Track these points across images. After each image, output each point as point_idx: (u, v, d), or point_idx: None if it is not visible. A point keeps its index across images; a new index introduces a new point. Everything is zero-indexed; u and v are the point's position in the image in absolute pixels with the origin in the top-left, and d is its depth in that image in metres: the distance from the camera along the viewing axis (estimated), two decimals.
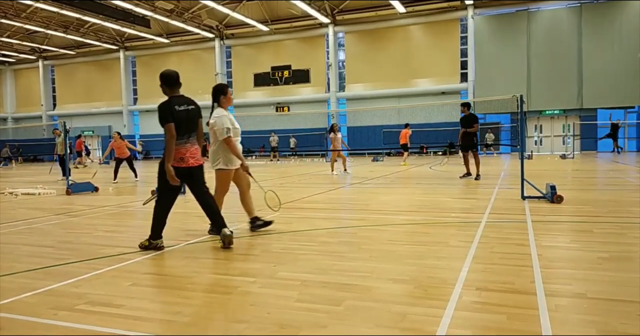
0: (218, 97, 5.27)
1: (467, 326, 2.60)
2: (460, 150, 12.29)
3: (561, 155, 22.44)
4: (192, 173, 4.67)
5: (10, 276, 3.84)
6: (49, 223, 6.66)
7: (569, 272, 3.58)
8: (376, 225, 5.81)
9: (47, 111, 41.82)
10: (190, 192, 4.86)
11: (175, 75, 4.70)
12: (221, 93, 5.26)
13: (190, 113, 4.66)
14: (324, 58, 33.51)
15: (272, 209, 5.75)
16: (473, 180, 11.37)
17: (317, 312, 2.85)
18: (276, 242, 4.94)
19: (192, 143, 4.70)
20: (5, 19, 30.15)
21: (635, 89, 26.21)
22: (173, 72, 4.73)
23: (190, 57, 36.89)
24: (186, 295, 3.27)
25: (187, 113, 4.63)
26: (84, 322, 2.78)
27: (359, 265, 3.90)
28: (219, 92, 5.26)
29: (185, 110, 4.63)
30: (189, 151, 4.64)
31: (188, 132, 4.65)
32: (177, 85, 4.72)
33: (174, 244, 4.95)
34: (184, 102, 4.67)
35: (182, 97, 4.70)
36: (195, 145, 4.73)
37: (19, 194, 10.62)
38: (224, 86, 5.37)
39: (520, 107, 7.80)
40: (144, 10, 29.62)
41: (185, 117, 4.59)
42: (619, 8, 26.59)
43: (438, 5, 29.68)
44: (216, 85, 5.36)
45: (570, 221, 5.75)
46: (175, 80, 4.69)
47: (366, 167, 19.27)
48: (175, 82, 4.69)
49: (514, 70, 28.27)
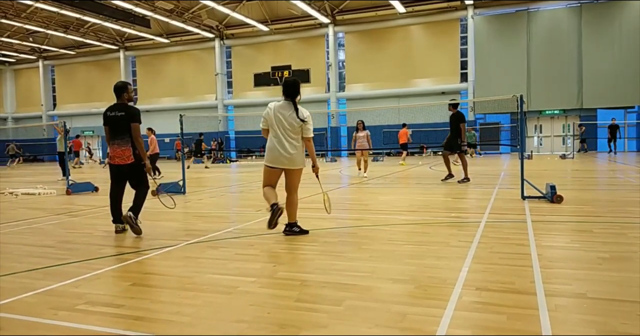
0: (296, 93, 5.03)
1: (467, 326, 2.60)
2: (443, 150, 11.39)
3: (561, 155, 22.44)
4: (120, 170, 5.51)
5: (10, 276, 3.84)
6: (49, 223, 6.66)
7: (569, 272, 3.58)
8: (376, 225, 5.81)
9: (47, 111, 41.82)
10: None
11: (116, 86, 5.60)
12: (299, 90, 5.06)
13: (118, 119, 5.48)
14: (324, 58, 33.52)
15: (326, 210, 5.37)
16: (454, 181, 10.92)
17: (317, 312, 2.85)
18: (276, 242, 4.95)
19: (119, 144, 5.45)
20: (5, 19, 30.14)
21: (635, 89, 26.22)
22: (117, 83, 5.64)
23: (190, 57, 36.89)
24: (186, 295, 3.27)
25: (115, 119, 5.48)
26: (84, 322, 2.78)
27: (359, 265, 3.90)
28: (297, 87, 5.04)
29: (114, 116, 5.49)
30: (115, 151, 5.47)
31: (115, 135, 5.48)
32: (117, 95, 5.58)
33: (174, 244, 4.96)
34: (116, 109, 5.52)
35: (116, 105, 5.56)
36: (122, 146, 5.44)
37: (19, 194, 10.63)
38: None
39: (520, 107, 7.80)
40: (144, 10, 29.62)
41: (114, 122, 5.49)
42: (619, 8, 26.59)
43: (438, 5, 29.69)
44: (294, 81, 5.09)
45: (570, 221, 5.75)
46: (115, 90, 5.59)
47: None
48: (115, 92, 5.59)
49: (514, 70, 28.27)
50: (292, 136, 4.97)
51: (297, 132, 4.99)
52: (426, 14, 30.26)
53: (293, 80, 5.10)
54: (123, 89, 5.57)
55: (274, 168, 5.04)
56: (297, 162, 5.02)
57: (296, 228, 5.15)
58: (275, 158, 4.98)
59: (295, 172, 5.06)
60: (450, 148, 11.12)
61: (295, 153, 4.98)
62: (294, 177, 5.09)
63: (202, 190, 10.71)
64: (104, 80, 39.92)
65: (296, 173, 5.07)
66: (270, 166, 5.04)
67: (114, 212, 5.68)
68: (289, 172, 5.05)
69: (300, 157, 5.04)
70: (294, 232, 5.12)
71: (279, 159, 4.98)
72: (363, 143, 13.22)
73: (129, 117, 5.44)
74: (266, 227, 4.99)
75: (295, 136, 4.98)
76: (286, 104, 5.01)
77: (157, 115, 35.68)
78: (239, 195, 10.08)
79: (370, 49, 32.04)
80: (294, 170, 5.04)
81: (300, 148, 5.05)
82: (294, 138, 4.98)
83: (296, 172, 5.07)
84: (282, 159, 4.97)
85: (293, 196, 5.17)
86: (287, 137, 4.95)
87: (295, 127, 4.96)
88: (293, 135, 4.97)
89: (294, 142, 4.97)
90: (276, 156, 4.97)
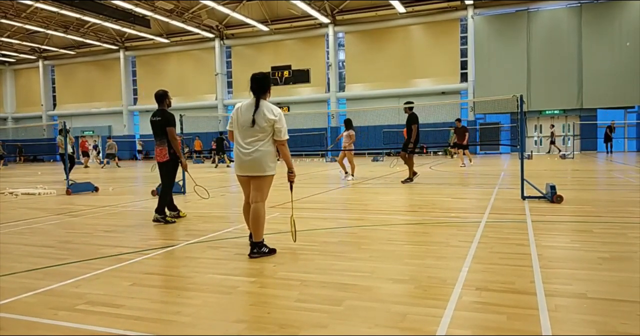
0: (264, 90, 4.36)
1: (467, 326, 2.60)
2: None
3: (561, 155, 22.44)
4: (160, 166, 6.45)
5: (10, 276, 3.84)
6: (49, 223, 6.66)
7: (569, 272, 3.58)
8: (376, 225, 5.81)
9: (47, 111, 41.84)
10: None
11: (157, 95, 6.52)
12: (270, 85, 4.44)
13: (157, 123, 6.40)
14: (324, 58, 33.52)
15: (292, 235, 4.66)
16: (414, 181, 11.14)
17: (317, 312, 2.85)
18: (276, 241, 4.94)
19: (158, 145, 6.42)
20: (5, 19, 30.15)
21: (635, 89, 26.22)
22: (158, 91, 6.54)
23: (190, 57, 36.90)
24: (186, 295, 3.27)
25: (154, 123, 6.42)
26: (84, 322, 2.78)
27: (359, 265, 3.90)
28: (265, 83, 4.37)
29: (154, 120, 6.43)
30: (155, 151, 6.47)
31: (155, 137, 6.44)
32: (158, 102, 6.49)
33: (174, 244, 4.96)
34: (156, 115, 6.43)
35: (157, 110, 6.46)
36: (160, 147, 6.38)
37: (19, 194, 10.63)
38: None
39: (520, 107, 7.80)
40: (144, 10, 29.63)
41: (153, 126, 6.44)
42: (619, 8, 26.60)
43: (438, 5, 29.69)
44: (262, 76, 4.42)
45: (570, 221, 5.75)
46: (156, 98, 6.51)
47: (366, 167, 19.27)
48: (156, 99, 6.51)
49: (514, 70, 28.28)
50: (258, 137, 4.24)
51: (265, 133, 4.24)
52: (426, 14, 30.26)
53: (261, 75, 4.43)
54: (163, 97, 6.50)
55: (240, 176, 4.40)
56: (260, 168, 4.26)
57: (265, 249, 4.31)
58: (239, 164, 4.34)
59: (260, 180, 4.30)
60: (404, 149, 11.36)
61: (259, 157, 4.23)
62: (258, 184, 4.32)
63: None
64: (104, 80, 39.97)
65: (262, 181, 4.31)
66: (238, 174, 4.41)
67: (169, 202, 6.56)
68: (254, 179, 4.32)
69: (265, 162, 4.26)
70: (263, 253, 4.28)
71: (242, 165, 4.31)
72: (346, 143, 12.64)
73: (165, 122, 6.33)
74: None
75: (261, 137, 4.25)
76: (252, 103, 4.32)
77: None
78: (239, 195, 10.04)
79: (370, 49, 32.04)
80: (258, 177, 4.29)
81: (268, 152, 4.27)
82: (260, 140, 4.24)
83: (262, 180, 4.31)
84: (244, 165, 4.29)
85: (258, 206, 4.30)
86: (251, 139, 4.25)
87: (263, 127, 4.22)
88: (259, 135, 4.24)
89: (259, 145, 4.24)
90: (239, 162, 4.33)
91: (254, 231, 4.32)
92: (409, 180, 11.15)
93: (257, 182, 4.33)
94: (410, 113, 11.25)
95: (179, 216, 6.67)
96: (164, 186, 6.47)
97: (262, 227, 4.32)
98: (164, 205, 6.35)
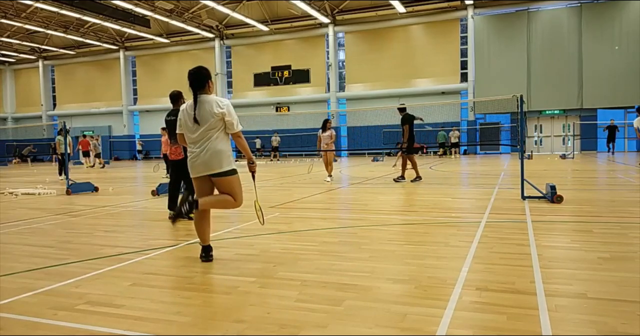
0: (201, 84, 4.07)
1: (467, 326, 2.60)
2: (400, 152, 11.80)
3: (561, 155, 22.45)
4: (176, 164, 6.70)
5: (10, 276, 3.84)
6: (49, 223, 6.66)
7: (569, 272, 3.58)
8: (376, 225, 5.81)
9: (47, 111, 41.83)
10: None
11: (171, 95, 6.65)
12: (209, 78, 4.14)
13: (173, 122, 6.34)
14: (324, 58, 33.51)
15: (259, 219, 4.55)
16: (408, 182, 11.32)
17: (317, 312, 2.85)
18: (276, 241, 4.94)
19: (173, 143, 6.63)
20: (5, 19, 30.14)
21: (635, 89, 26.22)
22: (173, 91, 6.65)
23: (190, 57, 36.88)
24: (186, 295, 3.27)
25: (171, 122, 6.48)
26: (84, 322, 2.78)
27: (359, 265, 3.90)
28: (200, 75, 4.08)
29: (169, 120, 6.56)
30: (171, 149, 6.75)
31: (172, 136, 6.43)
32: (173, 102, 6.63)
33: (174, 244, 4.96)
34: (171, 114, 6.55)
35: (172, 110, 6.59)
36: (175, 145, 6.60)
37: (19, 194, 10.63)
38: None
39: (520, 107, 7.80)
40: (144, 10, 29.62)
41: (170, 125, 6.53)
42: (619, 8, 26.59)
43: (438, 5, 29.69)
44: (195, 69, 4.14)
45: (570, 221, 5.75)
46: (171, 98, 6.64)
47: (366, 167, 19.27)
48: (171, 99, 6.65)
49: (514, 70, 28.28)
50: (208, 135, 3.97)
51: (214, 129, 3.98)
52: (426, 13, 30.26)
53: (196, 69, 4.12)
54: (178, 97, 6.64)
55: (197, 177, 4.09)
56: (217, 164, 3.98)
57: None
58: (192, 164, 4.05)
59: (223, 179, 4.03)
60: (402, 151, 11.65)
61: (213, 153, 3.96)
62: (224, 185, 4.06)
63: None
64: (104, 80, 39.97)
65: (226, 180, 4.04)
66: (193, 177, 4.11)
67: (169, 199, 6.69)
68: (217, 179, 4.04)
69: (222, 158, 3.99)
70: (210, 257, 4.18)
71: (195, 165, 4.02)
72: (327, 143, 12.45)
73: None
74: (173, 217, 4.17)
75: (211, 135, 3.98)
76: (192, 101, 4.09)
77: (157, 115, 35.72)
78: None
79: (370, 48, 32.04)
80: (219, 174, 4.01)
81: (223, 148, 4.01)
82: (209, 138, 3.97)
83: (225, 179, 4.03)
84: (197, 165, 4.01)
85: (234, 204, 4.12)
86: (202, 137, 3.98)
87: (210, 123, 3.95)
88: (208, 133, 3.97)
89: (210, 143, 3.97)
90: (191, 164, 4.05)
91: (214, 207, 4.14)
92: (417, 179, 11.37)
93: (221, 182, 4.04)
94: (403, 114, 11.48)
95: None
96: (187, 183, 6.50)
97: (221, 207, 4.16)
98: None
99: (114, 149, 38.29)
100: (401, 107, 11.70)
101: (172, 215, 5.60)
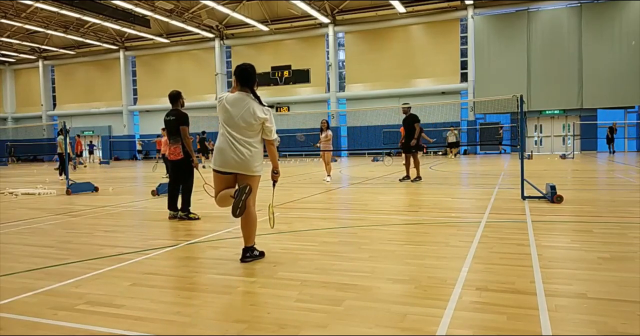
0: (253, 81, 4.19)
1: (467, 326, 2.60)
2: (402, 151, 11.85)
3: (561, 155, 22.45)
4: (174, 164, 6.74)
5: (10, 276, 3.84)
6: (49, 223, 6.66)
7: (569, 272, 3.58)
8: (376, 225, 5.81)
9: (47, 111, 41.84)
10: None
11: (170, 95, 6.74)
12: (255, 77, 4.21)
13: (171, 122, 6.65)
14: (324, 58, 33.52)
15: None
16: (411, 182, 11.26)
17: (317, 312, 2.85)
18: (276, 242, 4.94)
19: (172, 143, 6.66)
20: (5, 19, 30.15)
21: (635, 89, 26.23)
22: (172, 92, 6.75)
23: (190, 57, 36.90)
24: (186, 295, 3.27)
25: (169, 122, 6.68)
26: (84, 322, 2.78)
27: (359, 265, 3.90)
28: (252, 72, 4.17)
29: (168, 120, 6.69)
30: (170, 149, 6.72)
31: (169, 135, 6.71)
32: (172, 102, 6.72)
33: (174, 244, 4.96)
34: (170, 114, 6.69)
35: (171, 110, 6.71)
36: (174, 145, 6.62)
37: (19, 194, 10.63)
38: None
39: (520, 107, 7.80)
40: (144, 10, 29.63)
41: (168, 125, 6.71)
42: (619, 8, 26.60)
43: (438, 5, 29.69)
44: (248, 66, 4.20)
45: (570, 221, 5.75)
46: (170, 98, 6.73)
47: (366, 167, 19.27)
48: (170, 99, 6.73)
49: (514, 70, 28.28)
50: (247, 135, 4.00)
51: (255, 131, 4.02)
52: (426, 14, 30.27)
53: (248, 65, 4.18)
54: (177, 97, 6.72)
55: (223, 173, 4.07)
56: (251, 167, 4.00)
57: (256, 252, 4.18)
58: (225, 160, 4.02)
59: (249, 179, 4.02)
60: (407, 151, 11.66)
61: (250, 156, 3.99)
62: (246, 181, 4.03)
63: (201, 190, 10.69)
64: (104, 80, 39.97)
65: (251, 180, 4.03)
66: (220, 170, 4.07)
67: (169, 199, 6.73)
68: (242, 178, 4.04)
69: (256, 161, 4.03)
70: (255, 257, 4.16)
71: (229, 161, 4.00)
72: (325, 144, 12.43)
73: (178, 121, 6.59)
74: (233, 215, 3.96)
75: (251, 135, 4.02)
76: (242, 96, 4.08)
77: (157, 115, 35.69)
78: None
79: (370, 48, 32.04)
80: (247, 176, 4.02)
81: (258, 151, 4.06)
82: (250, 137, 4.01)
83: (251, 179, 4.03)
84: (232, 162, 3.99)
85: (250, 211, 4.06)
86: (242, 136, 4.00)
87: (252, 125, 3.99)
88: (249, 133, 4.00)
89: (250, 143, 4.00)
90: (226, 158, 4.01)
91: (247, 235, 4.13)
92: (418, 179, 11.42)
93: (247, 180, 4.02)
94: (409, 114, 11.53)
95: (174, 217, 6.68)
96: (184, 183, 6.71)
97: (255, 231, 4.16)
98: (189, 202, 6.65)
99: (114, 149, 38.27)
100: (406, 106, 11.76)
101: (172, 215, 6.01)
